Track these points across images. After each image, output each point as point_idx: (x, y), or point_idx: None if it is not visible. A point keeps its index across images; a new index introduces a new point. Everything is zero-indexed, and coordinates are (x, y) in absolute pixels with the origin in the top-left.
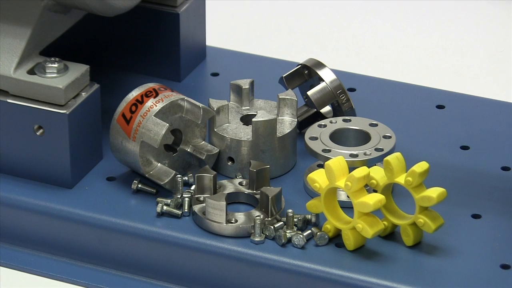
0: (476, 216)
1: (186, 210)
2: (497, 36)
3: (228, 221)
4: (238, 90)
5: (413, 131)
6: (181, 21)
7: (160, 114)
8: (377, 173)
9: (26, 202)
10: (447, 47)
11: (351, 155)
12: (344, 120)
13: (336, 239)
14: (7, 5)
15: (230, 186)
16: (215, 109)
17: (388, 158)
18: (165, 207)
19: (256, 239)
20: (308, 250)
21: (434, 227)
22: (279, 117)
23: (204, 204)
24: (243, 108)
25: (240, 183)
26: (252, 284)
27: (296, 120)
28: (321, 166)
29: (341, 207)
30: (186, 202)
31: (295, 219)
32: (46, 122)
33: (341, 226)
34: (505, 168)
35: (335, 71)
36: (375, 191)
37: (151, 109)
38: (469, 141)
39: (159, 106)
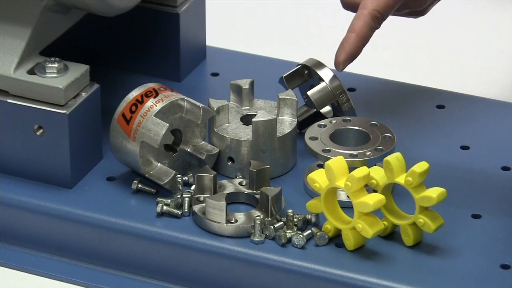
0: (476, 216)
1: (186, 210)
2: (497, 36)
3: (228, 221)
4: (238, 90)
5: (413, 131)
6: (181, 21)
7: (160, 114)
8: (377, 173)
9: (26, 202)
10: (447, 47)
11: (351, 155)
12: (344, 120)
13: (336, 239)
14: (7, 5)
15: (230, 186)
16: (215, 109)
17: (388, 158)
18: (165, 207)
19: (256, 239)
20: (308, 250)
21: (434, 227)
22: (279, 117)
23: (204, 204)
24: (243, 108)
25: (240, 183)
26: (252, 284)
27: (296, 120)
28: (321, 166)
29: (341, 207)
30: (186, 202)
31: (295, 219)
32: (46, 122)
33: (341, 226)
34: (505, 168)
35: (335, 71)
36: (375, 191)
37: (151, 109)
38: (469, 141)
39: (159, 106)
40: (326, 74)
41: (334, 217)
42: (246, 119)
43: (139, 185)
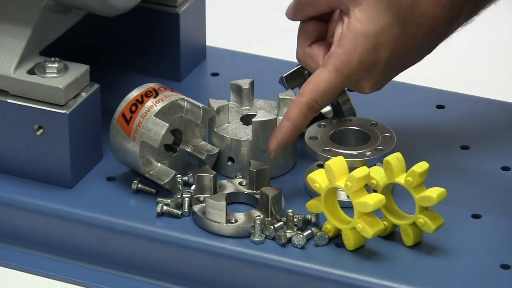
0: (476, 216)
1: (186, 210)
2: (497, 36)
3: (228, 221)
4: (238, 90)
5: (413, 131)
6: (181, 21)
7: (160, 114)
8: (377, 173)
9: (26, 202)
10: (447, 47)
11: (351, 155)
12: (344, 120)
13: (336, 239)
14: (7, 5)
15: (230, 186)
16: (215, 109)
17: (388, 158)
18: (165, 207)
19: (256, 239)
20: (308, 250)
21: (434, 227)
22: (279, 117)
23: (204, 204)
24: (243, 108)
25: (240, 183)
26: (252, 284)
27: None
28: (321, 166)
29: (341, 207)
30: (186, 202)
31: (295, 219)
32: (46, 122)
33: (341, 226)
34: (505, 168)
35: None
36: (375, 191)
37: (151, 109)
38: (469, 141)
39: (159, 106)
40: None
41: (334, 217)
42: (246, 119)
43: (139, 185)
